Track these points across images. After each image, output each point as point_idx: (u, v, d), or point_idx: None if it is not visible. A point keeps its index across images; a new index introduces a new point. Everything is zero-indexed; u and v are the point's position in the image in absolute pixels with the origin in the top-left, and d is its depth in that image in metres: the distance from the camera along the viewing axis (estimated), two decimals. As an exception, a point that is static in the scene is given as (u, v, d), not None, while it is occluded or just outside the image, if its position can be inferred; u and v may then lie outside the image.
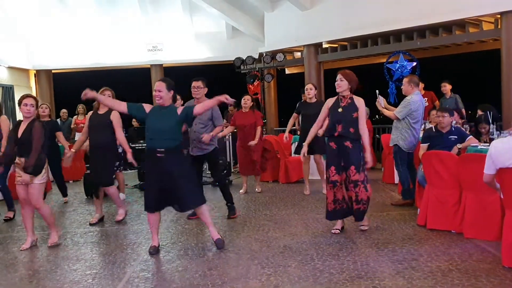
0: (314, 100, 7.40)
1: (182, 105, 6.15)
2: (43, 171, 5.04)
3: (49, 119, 7.76)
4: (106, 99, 5.23)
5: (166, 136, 4.61)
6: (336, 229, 5.25)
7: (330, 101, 5.21)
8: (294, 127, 11.52)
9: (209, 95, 5.91)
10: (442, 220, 5.17)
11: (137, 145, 10.06)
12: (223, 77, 14.83)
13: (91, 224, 6.12)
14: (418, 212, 5.59)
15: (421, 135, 7.01)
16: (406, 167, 6.49)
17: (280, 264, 4.26)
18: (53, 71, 14.91)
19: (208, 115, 5.93)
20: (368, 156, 5.02)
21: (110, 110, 5.96)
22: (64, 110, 11.90)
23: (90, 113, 6.21)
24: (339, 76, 5.09)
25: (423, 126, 7.58)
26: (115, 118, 5.94)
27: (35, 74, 14.76)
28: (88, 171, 7.51)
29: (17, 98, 13.07)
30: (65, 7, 13.56)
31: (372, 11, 10.75)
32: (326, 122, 5.45)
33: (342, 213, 5.18)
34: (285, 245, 4.84)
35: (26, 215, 5.21)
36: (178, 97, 6.41)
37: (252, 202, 7.17)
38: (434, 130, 6.08)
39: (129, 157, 5.50)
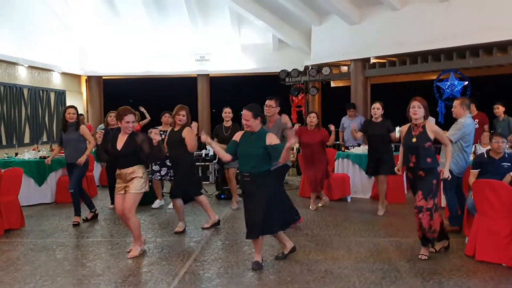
0: (380, 119, 7.29)
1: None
2: (143, 181, 5.19)
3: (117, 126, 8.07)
4: (215, 146, 5.20)
5: (251, 162, 4.74)
6: (424, 254, 5.13)
7: (404, 129, 5.26)
8: (337, 142, 11.49)
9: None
10: (492, 252, 4.94)
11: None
12: (268, 88, 14.85)
13: (176, 233, 6.27)
14: (467, 242, 5.38)
15: (471, 159, 6.80)
16: (454, 192, 6.27)
17: (321, 290, 4.19)
18: (103, 77, 15.37)
19: (279, 131, 6.29)
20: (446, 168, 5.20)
21: (182, 127, 6.26)
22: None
23: (169, 129, 6.60)
24: (416, 103, 5.07)
25: (473, 149, 7.33)
26: (187, 134, 6.21)
27: (86, 80, 15.26)
28: None
29: (68, 102, 13.67)
30: (118, 16, 13.98)
31: (422, 27, 10.53)
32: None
33: (429, 240, 5.12)
34: (326, 269, 4.76)
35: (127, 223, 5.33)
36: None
37: (293, 220, 7.08)
38: (486, 156, 5.84)
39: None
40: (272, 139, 4.76)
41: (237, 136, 4.95)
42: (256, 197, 4.70)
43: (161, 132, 7.81)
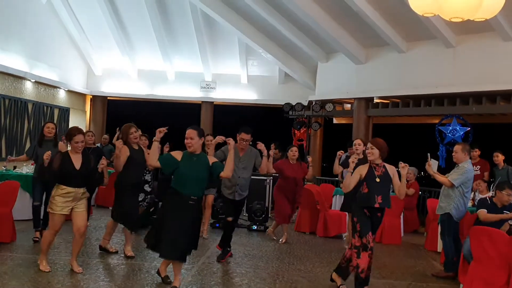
0: (361, 156, 7.27)
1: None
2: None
3: (95, 146, 8.00)
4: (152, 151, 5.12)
5: (199, 185, 4.82)
6: None
7: (363, 169, 5.13)
8: (336, 178, 11.47)
9: (256, 136, 6.24)
10: (486, 302, 4.87)
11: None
12: (271, 120, 14.95)
13: (126, 257, 6.09)
14: (461, 289, 5.31)
15: (469, 205, 6.78)
16: (452, 237, 6.21)
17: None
18: (108, 98, 15.48)
19: (251, 162, 6.24)
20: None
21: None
22: (105, 136, 12.06)
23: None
24: (369, 145, 5.14)
25: (472, 196, 7.31)
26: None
27: (91, 99, 15.37)
28: None
29: (71, 120, 13.72)
30: (128, 40, 14.17)
31: (426, 71, 10.66)
32: None
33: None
34: (317, 307, 4.67)
35: (51, 240, 5.38)
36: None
37: (287, 254, 6.99)
38: (489, 201, 5.79)
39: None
40: (212, 159, 4.99)
41: (177, 155, 4.86)
42: (197, 220, 4.91)
43: None
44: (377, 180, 5.04)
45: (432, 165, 6.44)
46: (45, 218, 6.68)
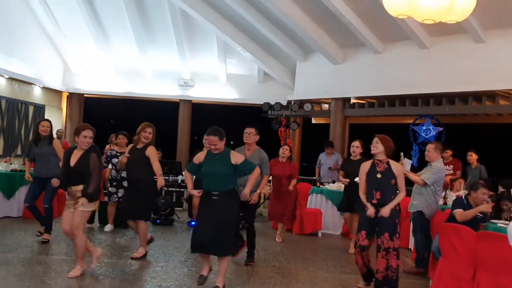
0: (358, 157, 7.35)
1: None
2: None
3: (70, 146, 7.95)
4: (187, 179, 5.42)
5: (221, 181, 4.82)
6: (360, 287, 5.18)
7: (366, 165, 5.22)
8: (314, 177, 11.61)
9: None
10: (454, 296, 5.00)
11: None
12: (249, 119, 14.92)
13: (132, 258, 6.00)
14: (430, 284, 5.43)
15: (441, 202, 6.94)
16: (423, 235, 6.35)
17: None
18: (85, 95, 15.32)
19: (257, 162, 5.96)
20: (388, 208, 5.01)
21: (146, 145, 6.05)
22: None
23: (130, 146, 6.23)
24: (375, 139, 5.16)
25: (443, 194, 7.47)
26: (152, 153, 6.02)
27: (67, 96, 15.18)
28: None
29: (47, 117, 13.44)
30: (105, 36, 14.04)
31: (402, 72, 10.84)
32: None
33: (369, 276, 5.18)
34: (290, 303, 4.75)
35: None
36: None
37: (263, 251, 7.05)
38: (465, 201, 5.87)
39: (159, 186, 6.00)
40: (237, 157, 4.90)
41: (198, 158, 4.98)
42: (223, 214, 4.74)
43: (118, 154, 7.69)
44: (378, 176, 5.07)
45: (406, 164, 6.56)
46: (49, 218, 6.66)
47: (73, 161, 5.11)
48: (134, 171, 6.00)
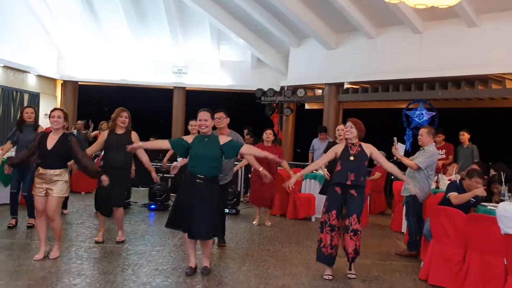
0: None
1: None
2: (67, 186, 5.21)
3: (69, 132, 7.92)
4: (149, 144, 5.61)
5: (209, 164, 4.87)
6: (329, 275, 5.23)
7: (339, 148, 5.33)
8: (307, 163, 11.67)
9: (229, 122, 6.10)
10: (444, 277, 5.11)
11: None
12: (243, 106, 15.00)
13: (96, 242, 6.14)
14: (422, 266, 5.55)
15: (433, 186, 7.04)
16: (416, 218, 6.44)
17: (276, 304, 4.26)
18: (79, 83, 15.28)
19: None
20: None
21: (129, 131, 6.06)
22: (79, 122, 11.72)
23: (107, 132, 6.17)
24: (349, 124, 5.27)
25: (436, 178, 7.57)
26: (136, 139, 6.01)
27: (62, 84, 15.15)
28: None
29: (42, 105, 13.51)
30: (99, 23, 13.99)
31: (395, 57, 10.87)
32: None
33: (334, 259, 5.24)
34: (283, 284, 4.85)
35: (41, 225, 5.26)
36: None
37: (257, 236, 7.17)
38: (459, 184, 5.90)
39: (154, 176, 6.14)
40: (224, 138, 5.04)
41: (188, 138, 5.07)
42: (208, 199, 4.83)
43: None
44: (351, 158, 5.18)
45: (399, 149, 6.64)
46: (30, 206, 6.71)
47: (50, 145, 5.14)
48: (115, 157, 5.92)
